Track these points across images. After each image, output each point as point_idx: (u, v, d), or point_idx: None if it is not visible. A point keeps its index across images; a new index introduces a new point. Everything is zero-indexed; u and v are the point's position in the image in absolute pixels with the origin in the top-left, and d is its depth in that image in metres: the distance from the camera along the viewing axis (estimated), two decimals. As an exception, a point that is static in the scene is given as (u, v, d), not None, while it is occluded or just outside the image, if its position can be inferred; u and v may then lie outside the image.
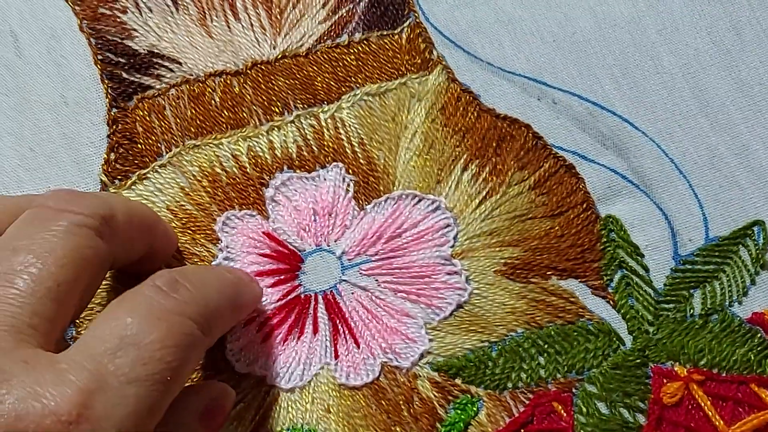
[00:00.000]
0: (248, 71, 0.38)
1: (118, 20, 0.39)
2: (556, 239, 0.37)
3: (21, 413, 0.24)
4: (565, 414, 0.34)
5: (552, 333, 0.35)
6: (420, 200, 0.37)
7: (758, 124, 0.38)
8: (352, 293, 0.36)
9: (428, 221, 0.37)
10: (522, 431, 0.34)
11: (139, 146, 0.37)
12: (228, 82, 0.38)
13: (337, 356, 0.35)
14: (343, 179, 0.37)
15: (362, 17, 0.39)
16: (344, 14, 0.39)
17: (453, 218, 0.37)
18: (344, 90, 0.38)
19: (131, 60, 0.38)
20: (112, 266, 0.31)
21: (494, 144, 0.38)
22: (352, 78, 0.38)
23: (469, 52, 0.39)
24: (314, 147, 0.38)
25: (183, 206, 0.37)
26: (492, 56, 0.39)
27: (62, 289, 0.27)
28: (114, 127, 0.38)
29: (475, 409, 0.35)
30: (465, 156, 0.38)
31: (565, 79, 0.39)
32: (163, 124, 0.38)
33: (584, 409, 0.34)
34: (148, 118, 0.38)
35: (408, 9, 0.40)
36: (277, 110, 0.38)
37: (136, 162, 0.37)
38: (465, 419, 0.34)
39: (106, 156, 0.37)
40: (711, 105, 0.38)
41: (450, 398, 0.35)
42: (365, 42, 0.39)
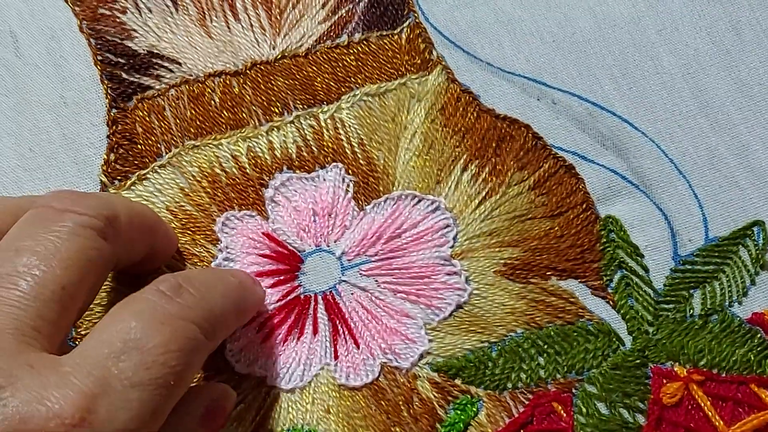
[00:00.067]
0: (248, 71, 0.38)
1: (118, 20, 0.39)
2: (556, 239, 0.37)
3: (25, 416, 0.24)
4: (565, 414, 0.34)
5: (552, 333, 0.35)
6: (420, 201, 0.37)
7: (758, 125, 0.38)
8: (352, 294, 0.36)
9: (428, 222, 0.37)
10: (521, 431, 0.34)
11: (139, 147, 0.37)
12: (227, 83, 0.38)
13: (337, 357, 0.35)
14: (343, 180, 0.37)
15: (362, 17, 0.39)
16: (344, 14, 0.39)
17: (452, 219, 0.37)
18: (344, 90, 0.38)
19: (131, 60, 0.38)
20: (114, 267, 0.31)
21: (494, 144, 0.38)
22: (352, 78, 0.38)
23: (469, 53, 0.39)
24: (314, 147, 0.37)
25: (183, 207, 0.37)
26: (492, 56, 0.39)
27: (66, 292, 0.27)
28: (113, 128, 0.38)
29: (475, 410, 0.35)
30: (465, 156, 0.38)
31: (565, 80, 0.39)
32: (163, 125, 0.38)
33: (584, 410, 0.34)
34: (148, 119, 0.38)
35: (408, 9, 0.40)
36: (277, 111, 0.38)
37: (136, 162, 0.37)
38: (465, 420, 0.34)
39: (106, 156, 0.37)
40: (711, 105, 0.38)
41: (450, 399, 0.35)
42: (365, 42, 0.39)
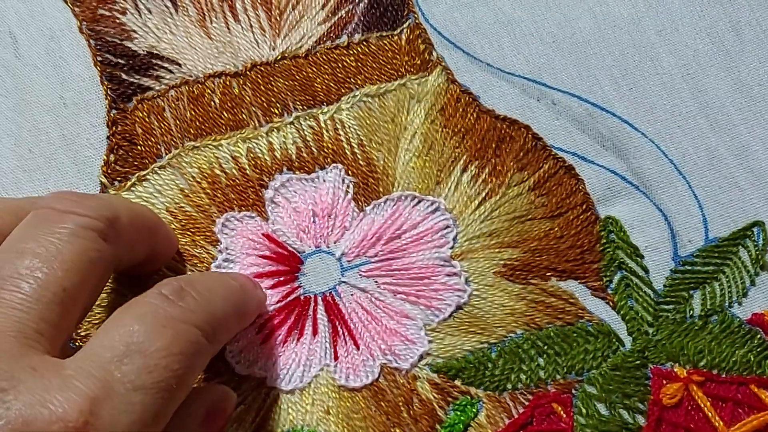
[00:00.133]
0: (248, 72, 0.38)
1: (118, 21, 0.39)
2: (556, 240, 0.37)
3: (29, 419, 0.24)
4: (565, 415, 0.34)
5: (551, 334, 0.35)
6: (419, 201, 0.37)
7: (758, 125, 0.38)
8: (352, 295, 0.36)
9: (427, 222, 0.37)
10: (521, 432, 0.34)
11: (139, 148, 0.37)
12: (227, 84, 0.38)
13: (337, 358, 0.35)
14: (343, 180, 0.37)
15: (362, 18, 0.39)
16: (344, 15, 0.39)
17: (452, 219, 0.37)
18: (343, 91, 0.38)
19: (130, 61, 0.38)
20: (115, 269, 0.31)
21: (494, 145, 0.38)
22: (352, 79, 0.38)
23: (469, 53, 0.39)
24: (314, 148, 0.37)
25: (182, 208, 0.37)
26: (491, 57, 0.39)
27: (68, 294, 0.27)
28: (113, 129, 0.38)
29: (475, 411, 0.35)
30: (464, 157, 0.38)
31: (565, 80, 0.39)
32: (163, 126, 0.38)
33: (584, 410, 0.34)
34: (148, 120, 0.38)
35: (407, 10, 0.40)
36: (277, 111, 0.38)
37: (136, 164, 0.37)
38: (464, 420, 0.34)
39: (106, 157, 0.37)
40: (710, 106, 0.38)
41: (449, 399, 0.35)
42: (364, 43, 0.39)
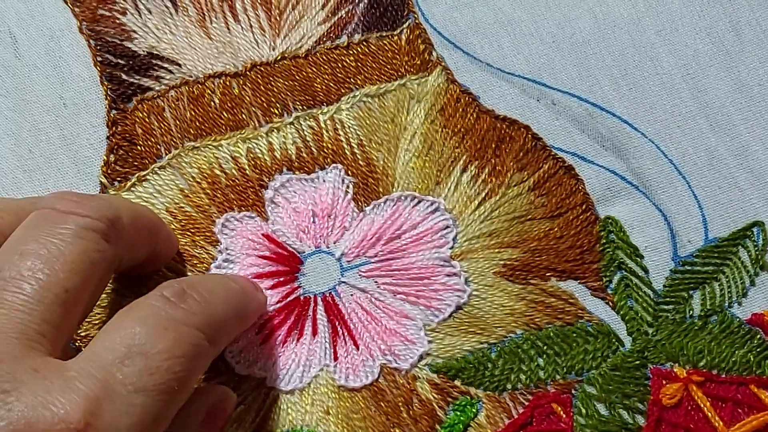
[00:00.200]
0: (247, 73, 0.38)
1: (118, 21, 0.39)
2: (556, 240, 0.37)
3: (31, 420, 0.24)
4: (564, 415, 0.34)
5: (551, 334, 0.35)
6: (419, 202, 0.37)
7: (758, 125, 0.38)
8: (352, 295, 0.36)
9: (427, 223, 0.37)
10: (521, 432, 0.34)
11: (139, 148, 0.37)
12: (227, 84, 0.38)
13: (337, 358, 0.35)
14: (343, 181, 0.37)
15: (361, 18, 0.39)
16: (343, 15, 0.39)
17: (452, 219, 0.37)
18: (343, 91, 0.38)
19: (130, 61, 0.38)
20: (116, 269, 0.31)
21: (493, 145, 0.38)
22: (352, 79, 0.38)
23: (469, 53, 0.39)
24: (313, 148, 0.37)
25: (182, 208, 0.37)
26: (491, 57, 0.39)
27: (70, 295, 0.27)
28: (113, 129, 0.38)
29: (475, 411, 0.35)
30: (464, 157, 0.38)
31: (565, 80, 0.39)
32: (163, 126, 0.38)
33: (583, 411, 0.34)
34: (148, 120, 0.38)
35: (407, 10, 0.40)
36: (277, 112, 0.38)
37: (136, 164, 0.37)
38: (464, 421, 0.34)
39: (105, 158, 0.37)
40: (710, 106, 0.38)
41: (449, 400, 0.35)
42: (364, 43, 0.39)
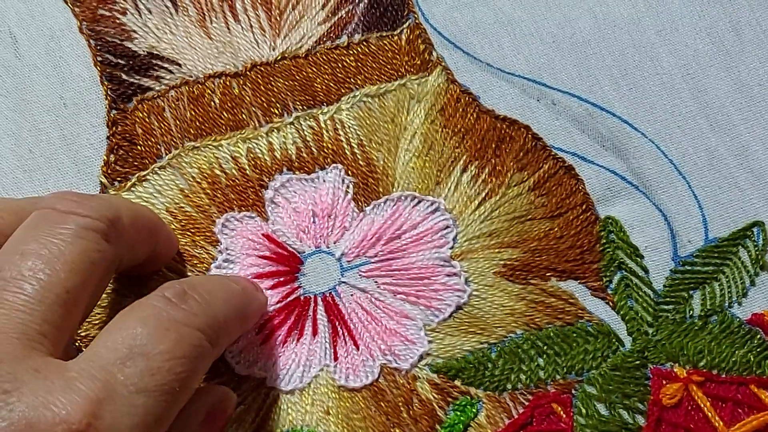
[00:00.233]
0: (247, 73, 0.38)
1: (118, 21, 0.39)
2: (556, 240, 0.37)
3: (32, 421, 0.24)
4: (565, 415, 0.34)
5: (551, 334, 0.35)
6: (419, 202, 0.37)
7: (758, 125, 0.38)
8: (352, 295, 0.36)
9: (427, 223, 0.37)
10: (521, 432, 0.34)
11: (139, 148, 0.37)
12: (227, 84, 0.38)
13: (337, 358, 0.35)
14: (343, 181, 0.37)
15: (362, 18, 0.39)
16: (344, 15, 0.39)
17: (452, 219, 0.37)
18: (343, 91, 0.38)
19: (131, 61, 0.38)
20: (116, 269, 0.31)
21: (493, 145, 0.38)
22: (352, 79, 0.38)
23: (469, 53, 0.39)
24: (313, 148, 0.37)
25: (182, 208, 0.37)
26: (491, 57, 0.39)
27: (71, 295, 0.27)
28: (113, 129, 0.38)
29: (475, 411, 0.35)
30: (464, 157, 0.38)
31: (565, 80, 0.39)
32: (163, 126, 0.38)
33: (583, 411, 0.35)
34: (148, 120, 0.38)
35: (407, 10, 0.40)
36: (277, 112, 0.38)
37: (136, 164, 0.37)
38: (464, 421, 0.34)
39: (106, 158, 0.37)
40: (710, 106, 0.38)
41: (449, 400, 0.35)
42: (364, 43, 0.39)
